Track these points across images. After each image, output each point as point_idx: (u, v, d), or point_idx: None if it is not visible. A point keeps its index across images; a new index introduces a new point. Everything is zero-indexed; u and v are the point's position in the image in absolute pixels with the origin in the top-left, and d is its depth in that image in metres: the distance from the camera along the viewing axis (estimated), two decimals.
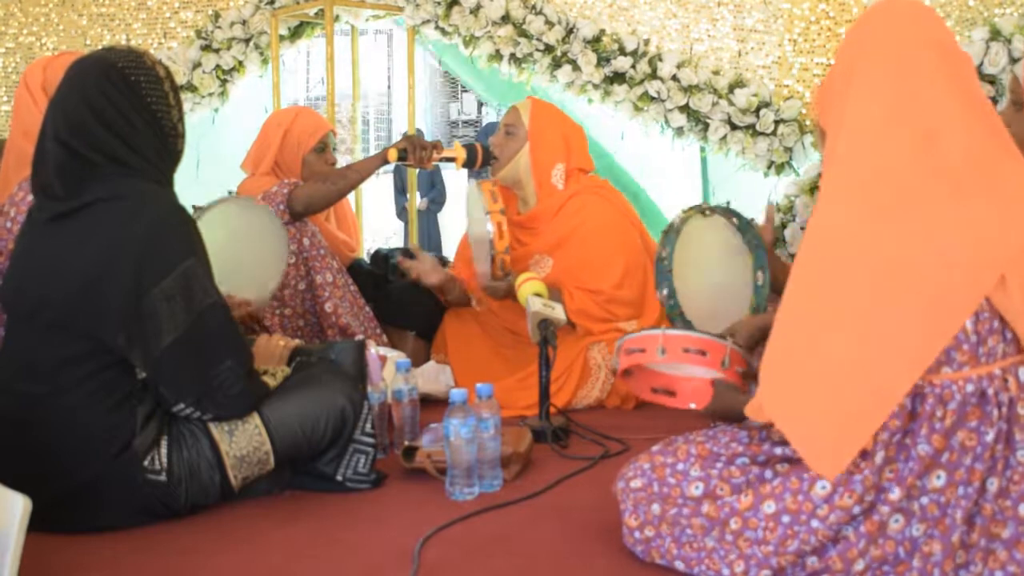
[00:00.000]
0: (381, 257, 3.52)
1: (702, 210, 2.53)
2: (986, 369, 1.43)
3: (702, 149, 3.93)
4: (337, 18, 4.01)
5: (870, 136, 1.49)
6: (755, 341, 2.10)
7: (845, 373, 1.42)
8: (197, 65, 4.18)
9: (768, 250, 2.39)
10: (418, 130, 4.45)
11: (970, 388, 1.43)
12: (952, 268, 1.40)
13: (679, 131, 3.67)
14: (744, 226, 2.47)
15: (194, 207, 2.58)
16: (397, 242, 9.48)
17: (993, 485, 1.43)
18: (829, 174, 1.54)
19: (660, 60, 3.62)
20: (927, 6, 1.58)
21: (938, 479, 1.43)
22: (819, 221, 1.52)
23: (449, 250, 5.39)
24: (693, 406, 1.95)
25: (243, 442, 1.91)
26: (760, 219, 2.45)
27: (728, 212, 2.50)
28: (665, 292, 2.40)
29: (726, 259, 2.50)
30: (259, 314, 2.83)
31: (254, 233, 2.71)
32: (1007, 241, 1.41)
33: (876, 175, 1.47)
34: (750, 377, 1.87)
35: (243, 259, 2.63)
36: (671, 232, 2.46)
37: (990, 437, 1.42)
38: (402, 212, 8.96)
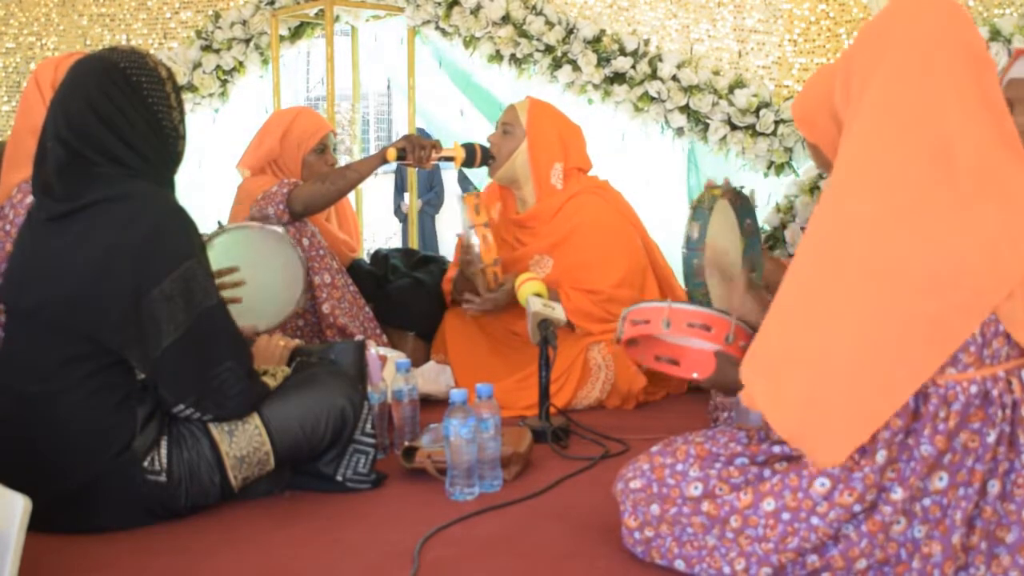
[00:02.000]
0: (381, 257, 3.52)
1: (723, 191, 2.53)
2: (990, 371, 1.43)
3: (685, 151, 3.93)
4: (337, 18, 4.01)
5: (884, 138, 1.47)
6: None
7: (851, 371, 1.41)
8: (197, 65, 4.18)
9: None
10: (419, 129, 4.44)
11: (974, 389, 1.42)
12: (963, 277, 1.39)
13: (679, 131, 3.67)
14: (747, 210, 2.46)
15: (219, 223, 2.55)
16: (397, 242, 9.49)
17: (994, 487, 1.43)
18: (840, 171, 1.52)
19: (660, 60, 3.62)
20: (957, 4, 1.55)
21: (940, 480, 1.43)
22: (827, 217, 1.50)
23: (447, 251, 5.39)
24: (696, 376, 1.95)
25: (243, 442, 1.91)
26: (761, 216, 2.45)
27: (736, 194, 2.50)
28: (696, 277, 2.39)
29: (733, 242, 2.50)
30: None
31: (268, 262, 2.68)
32: (1019, 256, 1.39)
33: (889, 177, 1.45)
34: None
35: (255, 289, 2.56)
36: (701, 209, 2.44)
37: (991, 438, 1.41)
38: (398, 211, 8.97)
